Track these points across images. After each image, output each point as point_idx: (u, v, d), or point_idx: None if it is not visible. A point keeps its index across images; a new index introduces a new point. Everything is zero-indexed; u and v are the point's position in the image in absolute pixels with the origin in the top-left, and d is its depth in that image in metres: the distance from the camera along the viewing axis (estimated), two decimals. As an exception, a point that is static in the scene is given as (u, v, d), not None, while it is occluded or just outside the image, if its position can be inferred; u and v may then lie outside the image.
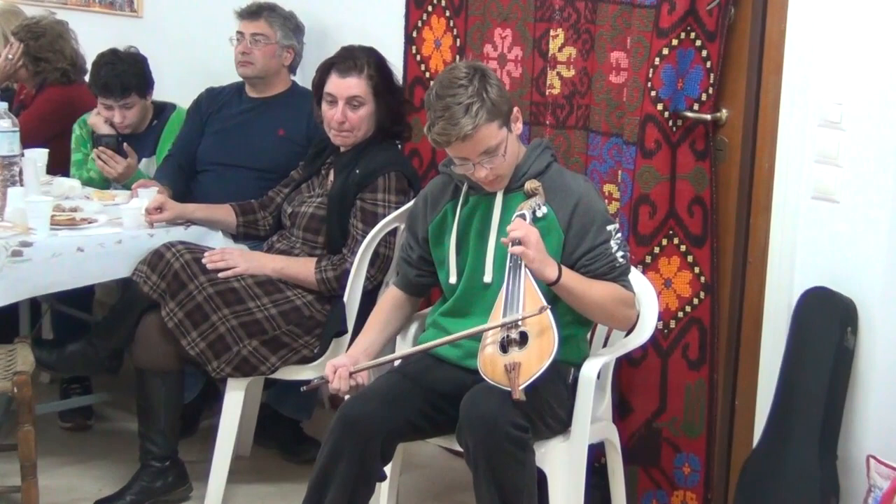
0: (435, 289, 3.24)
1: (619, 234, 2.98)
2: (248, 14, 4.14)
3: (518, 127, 3.00)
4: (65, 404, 4.13)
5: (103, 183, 4.25)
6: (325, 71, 3.64)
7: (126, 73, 4.18)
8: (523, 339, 2.77)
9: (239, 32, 4.12)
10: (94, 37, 4.80)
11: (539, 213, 2.92)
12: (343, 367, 2.98)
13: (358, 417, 2.87)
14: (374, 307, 3.26)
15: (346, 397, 3.03)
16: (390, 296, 3.25)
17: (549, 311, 2.76)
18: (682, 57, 3.22)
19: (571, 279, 2.89)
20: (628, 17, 3.33)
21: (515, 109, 2.99)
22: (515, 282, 2.84)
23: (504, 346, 2.78)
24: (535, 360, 2.73)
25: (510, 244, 2.82)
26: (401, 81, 3.78)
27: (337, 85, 3.58)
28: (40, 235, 3.44)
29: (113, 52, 4.24)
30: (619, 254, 2.95)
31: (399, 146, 3.80)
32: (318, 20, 4.31)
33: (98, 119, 4.26)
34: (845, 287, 3.08)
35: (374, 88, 3.59)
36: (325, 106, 3.63)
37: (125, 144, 4.19)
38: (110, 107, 4.22)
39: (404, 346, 3.24)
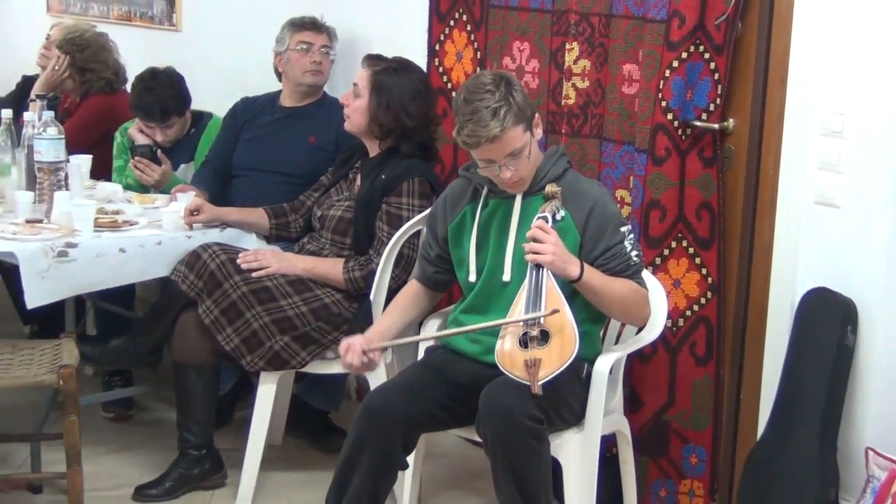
0: (457, 287, 3.22)
1: (631, 235, 2.99)
2: (315, 26, 4.14)
3: (539, 132, 3.00)
4: (107, 396, 4.10)
5: (142, 188, 4.22)
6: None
7: (165, 97, 4.17)
8: (544, 336, 2.75)
9: (306, 43, 4.11)
10: (134, 50, 4.83)
11: (558, 217, 2.92)
12: (357, 343, 2.99)
13: (381, 409, 2.87)
14: (395, 296, 3.26)
15: (371, 388, 3.06)
16: (410, 287, 3.24)
17: (567, 309, 2.76)
18: (692, 69, 3.18)
19: (593, 276, 2.90)
20: (640, 32, 3.30)
21: (536, 116, 2.99)
22: (538, 279, 2.82)
23: (524, 342, 2.76)
24: (556, 357, 2.72)
25: (529, 252, 2.83)
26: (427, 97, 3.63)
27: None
28: (84, 237, 3.45)
29: (151, 76, 4.21)
30: (633, 253, 2.96)
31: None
32: (349, 30, 4.30)
33: (134, 130, 4.26)
34: (845, 288, 3.05)
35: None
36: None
37: (159, 152, 4.18)
38: (152, 127, 4.22)
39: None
